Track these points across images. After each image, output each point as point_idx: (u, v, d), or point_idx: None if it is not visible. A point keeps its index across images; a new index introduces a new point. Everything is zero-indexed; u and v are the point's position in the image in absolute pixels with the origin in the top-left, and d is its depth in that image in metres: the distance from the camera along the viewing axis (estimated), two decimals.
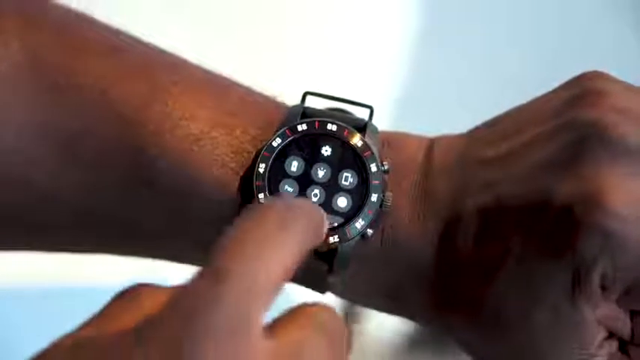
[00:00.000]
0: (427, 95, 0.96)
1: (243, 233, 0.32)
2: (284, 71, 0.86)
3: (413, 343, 1.10)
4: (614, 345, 0.41)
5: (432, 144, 0.45)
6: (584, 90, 0.41)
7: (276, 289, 0.31)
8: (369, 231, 0.43)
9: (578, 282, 0.39)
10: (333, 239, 0.43)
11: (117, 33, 0.48)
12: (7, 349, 0.81)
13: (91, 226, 0.47)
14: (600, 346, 0.40)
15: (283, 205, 0.33)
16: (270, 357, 0.30)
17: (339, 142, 0.44)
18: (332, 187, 0.44)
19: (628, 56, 0.42)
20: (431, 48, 0.98)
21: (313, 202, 0.33)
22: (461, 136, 0.45)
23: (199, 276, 0.31)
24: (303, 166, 0.44)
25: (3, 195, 0.46)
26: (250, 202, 0.43)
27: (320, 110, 0.45)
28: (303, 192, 0.44)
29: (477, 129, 0.45)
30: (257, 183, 0.43)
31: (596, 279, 0.39)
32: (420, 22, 0.97)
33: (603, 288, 0.40)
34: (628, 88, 0.42)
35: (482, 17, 1.02)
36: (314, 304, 0.33)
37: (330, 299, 0.43)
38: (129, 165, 0.45)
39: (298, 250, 0.32)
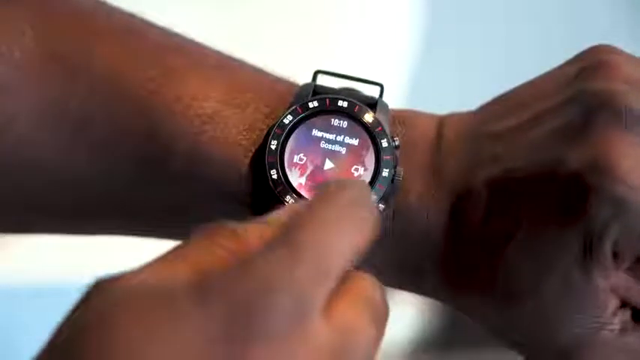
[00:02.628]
0: (439, 74, 0.96)
1: (316, 211, 0.32)
2: (296, 52, 0.86)
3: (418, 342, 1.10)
4: (627, 314, 0.41)
5: (442, 120, 0.46)
6: (592, 62, 0.42)
7: (342, 271, 0.32)
8: (381, 206, 0.43)
9: (589, 250, 0.39)
10: None
11: (129, 17, 0.49)
12: (8, 350, 0.81)
13: (102, 208, 0.47)
14: (613, 314, 0.40)
15: (357, 188, 0.33)
16: (324, 343, 0.30)
17: (350, 118, 0.44)
18: None
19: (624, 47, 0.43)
20: (442, 28, 0.98)
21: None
22: (471, 113, 0.46)
23: (270, 248, 0.31)
24: None
25: (16, 179, 0.46)
26: (262, 179, 0.44)
27: (331, 88, 0.46)
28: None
29: (486, 105, 0.45)
30: (269, 159, 0.44)
31: (607, 246, 0.39)
32: (432, 5, 0.98)
33: (615, 256, 0.40)
34: (636, 59, 0.42)
35: (490, 3, 1.03)
36: (361, 277, 0.33)
37: None
38: (141, 147, 0.45)
39: (368, 233, 0.33)
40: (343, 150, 0.44)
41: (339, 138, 0.44)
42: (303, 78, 0.47)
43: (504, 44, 1.02)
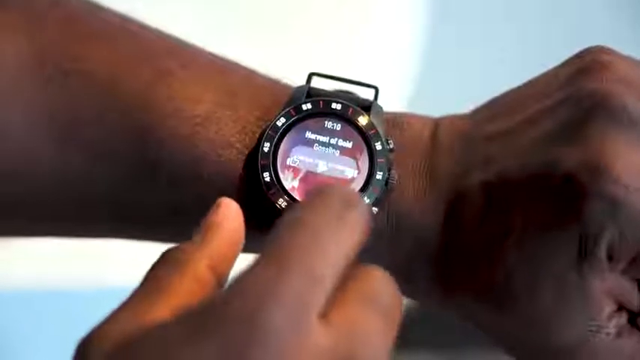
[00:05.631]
0: (436, 77, 0.96)
1: (301, 219, 0.31)
2: (290, 55, 0.86)
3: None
4: (623, 317, 0.41)
5: (437, 123, 0.45)
6: (587, 63, 0.42)
7: (336, 276, 0.31)
8: (374, 209, 0.43)
9: (584, 252, 0.39)
10: None
11: (121, 19, 0.48)
12: (6, 353, 0.81)
13: (95, 211, 0.47)
14: (609, 318, 0.40)
15: (343, 193, 0.33)
16: (326, 352, 0.30)
17: (344, 121, 0.44)
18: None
19: (626, 50, 0.43)
20: (444, 28, 0.98)
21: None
22: (466, 115, 0.45)
23: (257, 267, 0.30)
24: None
25: (8, 184, 0.46)
26: (255, 182, 0.43)
27: (325, 90, 0.45)
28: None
29: (481, 106, 0.45)
30: (262, 162, 0.43)
31: (602, 248, 0.39)
32: (432, 7, 0.97)
33: (610, 258, 0.39)
34: (631, 60, 0.42)
35: (489, 8, 1.03)
36: (366, 273, 0.33)
37: None
38: (134, 148, 0.45)
39: (357, 239, 0.32)
40: (337, 153, 0.44)
41: (333, 141, 0.44)
42: (300, 79, 0.47)
43: (506, 45, 1.02)
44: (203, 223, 0.36)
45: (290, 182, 0.44)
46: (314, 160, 0.44)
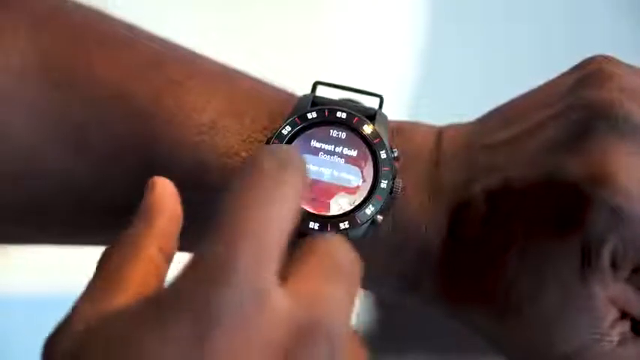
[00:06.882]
0: (440, 85, 0.96)
1: (239, 190, 0.32)
2: (295, 64, 0.86)
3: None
4: (626, 325, 0.41)
5: (440, 132, 0.46)
6: (590, 72, 0.42)
7: (283, 243, 0.32)
8: (379, 217, 0.43)
9: (587, 260, 0.39)
10: (344, 225, 0.43)
11: (128, 28, 0.49)
12: (7, 353, 0.81)
13: (97, 217, 0.47)
14: (612, 326, 0.40)
15: (274, 154, 0.33)
16: (289, 320, 0.30)
17: (349, 129, 0.44)
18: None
19: (627, 54, 0.43)
20: (442, 38, 0.98)
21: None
22: (469, 124, 0.46)
23: (205, 248, 0.31)
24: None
25: (16, 187, 0.46)
26: None
27: (330, 99, 0.46)
28: None
29: (485, 115, 0.45)
30: None
31: (606, 256, 0.39)
32: (432, 10, 0.98)
33: (614, 266, 0.40)
34: (633, 69, 0.42)
35: (489, 10, 1.03)
36: (325, 241, 0.33)
37: None
38: (140, 157, 0.45)
39: (296, 204, 0.33)
40: (342, 161, 0.44)
41: (338, 149, 0.44)
42: (302, 88, 0.47)
43: (507, 48, 1.02)
44: (142, 205, 0.37)
45: None
46: (319, 168, 0.44)
